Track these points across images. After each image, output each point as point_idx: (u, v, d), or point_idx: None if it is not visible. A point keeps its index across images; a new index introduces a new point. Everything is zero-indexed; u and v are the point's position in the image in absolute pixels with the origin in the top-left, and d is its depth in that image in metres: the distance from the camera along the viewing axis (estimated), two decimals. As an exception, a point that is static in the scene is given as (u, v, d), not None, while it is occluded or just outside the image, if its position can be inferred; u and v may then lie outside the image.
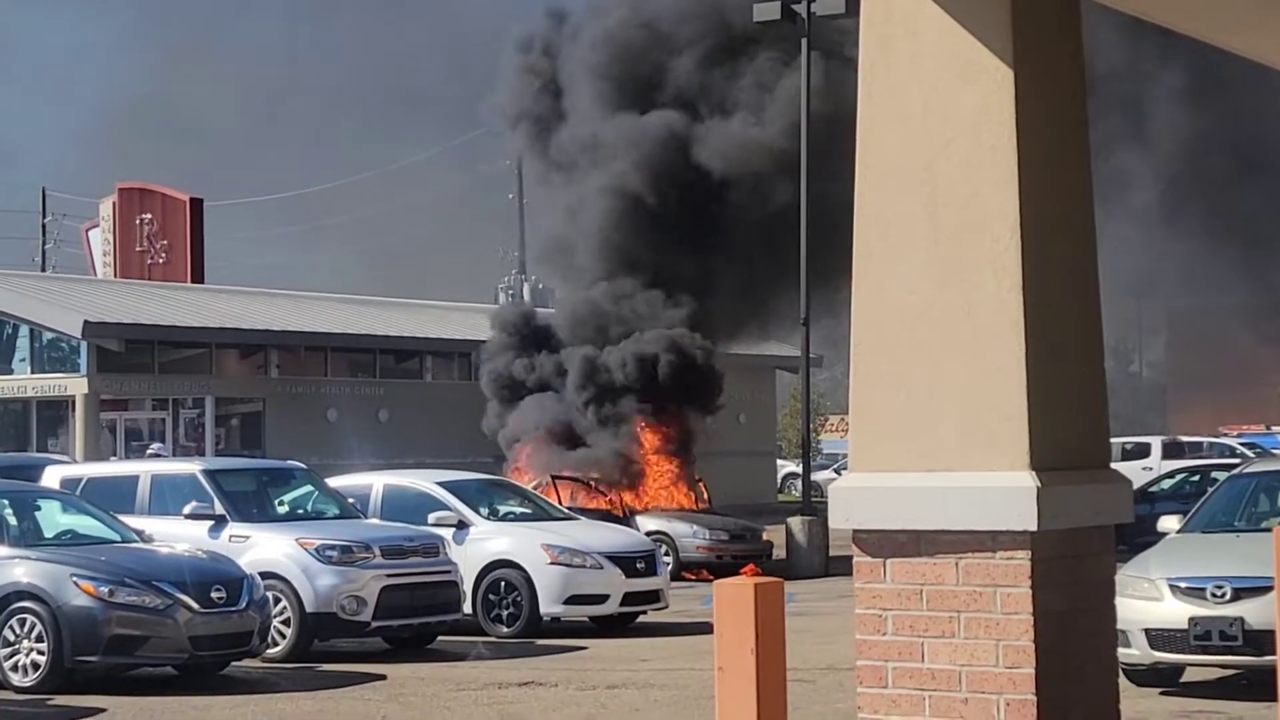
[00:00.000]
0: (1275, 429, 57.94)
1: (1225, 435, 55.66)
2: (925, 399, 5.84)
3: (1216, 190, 44.76)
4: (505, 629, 19.90)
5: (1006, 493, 5.65)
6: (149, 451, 38.10)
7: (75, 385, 42.63)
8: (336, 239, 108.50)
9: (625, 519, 27.96)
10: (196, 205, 57.73)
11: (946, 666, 5.77)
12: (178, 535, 17.70)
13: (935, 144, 5.88)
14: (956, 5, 5.88)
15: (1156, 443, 48.22)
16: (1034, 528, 5.61)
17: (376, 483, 21.60)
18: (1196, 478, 32.27)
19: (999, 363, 5.72)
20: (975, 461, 5.74)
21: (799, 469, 38.53)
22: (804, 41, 31.81)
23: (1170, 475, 35.39)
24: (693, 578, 27.50)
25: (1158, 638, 14.08)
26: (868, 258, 6.00)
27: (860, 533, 5.95)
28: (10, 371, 44.79)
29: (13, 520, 16.51)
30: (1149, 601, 14.16)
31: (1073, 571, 5.82)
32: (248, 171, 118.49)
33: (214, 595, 15.68)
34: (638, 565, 20.64)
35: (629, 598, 20.50)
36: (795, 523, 30.46)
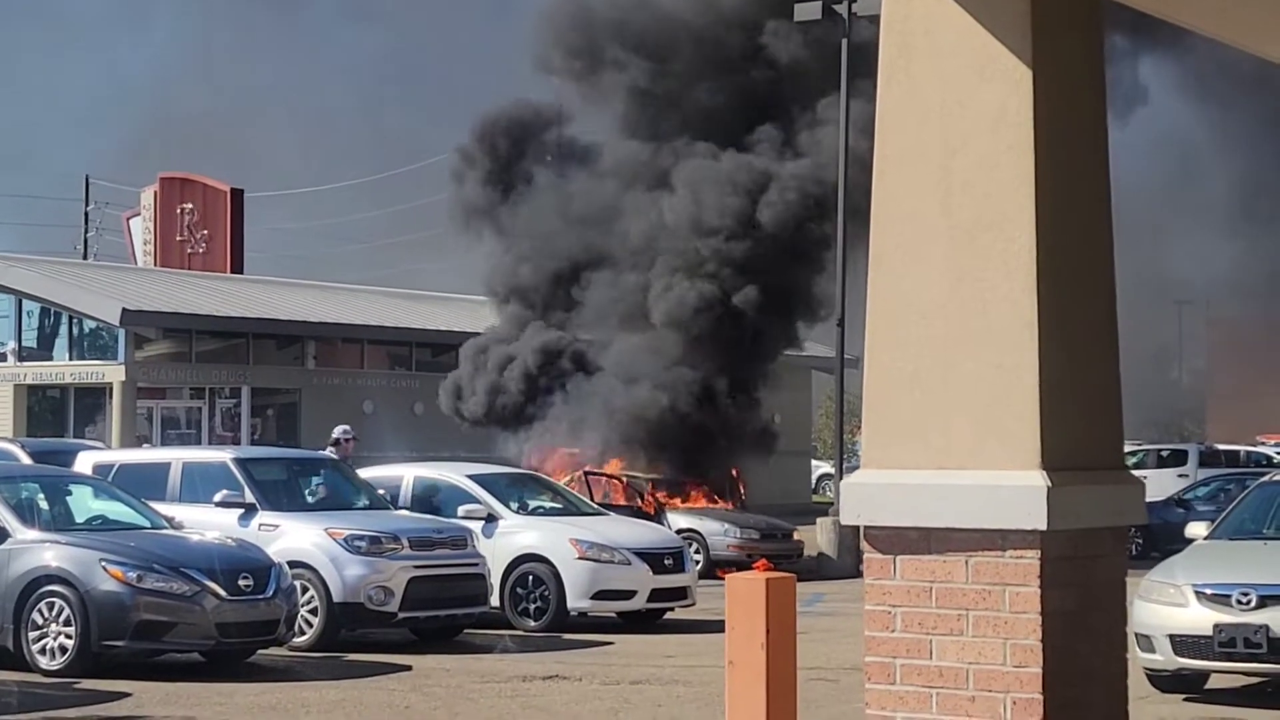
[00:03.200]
0: (1313, 438, 57.61)
1: (1263, 444, 55.34)
2: (938, 396, 5.85)
3: (1265, 197, 44.58)
4: (532, 623, 19.91)
5: (1017, 491, 5.66)
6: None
7: (113, 373, 42.86)
8: (374, 231, 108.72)
9: (657, 516, 27.95)
10: (237, 196, 57.99)
11: (954, 664, 5.78)
12: (208, 523, 17.75)
13: (953, 143, 5.89)
14: (976, 4, 5.88)
15: (1193, 450, 47.98)
16: (1044, 527, 5.62)
17: (407, 474, 21.65)
18: (1231, 486, 32.13)
19: (1012, 362, 5.73)
20: (987, 460, 5.75)
21: (834, 470, 38.52)
22: (844, 42, 31.83)
23: (1205, 483, 35.27)
24: (724, 575, 27.45)
25: (1182, 644, 14.02)
26: (884, 254, 6.02)
27: (871, 529, 5.97)
28: (50, 358, 45.07)
29: (44, 505, 16.60)
30: (1174, 607, 14.11)
31: (1083, 572, 5.82)
32: (289, 163, 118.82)
33: (242, 583, 15.73)
34: (666, 562, 20.63)
35: (656, 594, 20.50)
36: (827, 523, 30.43)
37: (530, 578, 20.08)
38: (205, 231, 57.47)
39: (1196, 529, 16.13)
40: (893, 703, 5.89)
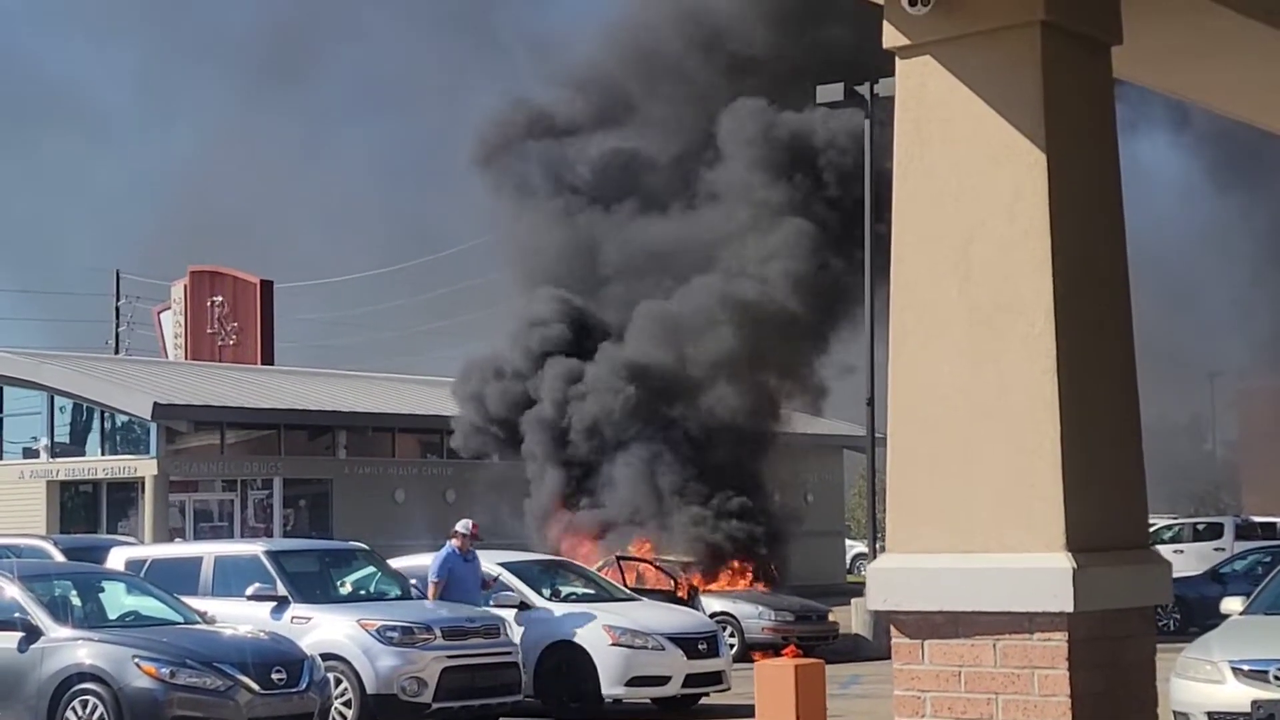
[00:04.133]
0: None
1: (1299, 515, 54.96)
2: (960, 480, 5.85)
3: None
4: (566, 711, 19.82)
5: (1042, 574, 5.64)
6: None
7: (145, 467, 42.97)
8: (404, 319, 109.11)
9: (690, 599, 27.84)
10: (267, 287, 58.25)
11: (985, 749, 5.74)
12: (241, 616, 17.77)
13: (969, 226, 5.91)
14: (989, 89, 5.93)
15: (1229, 523, 47.68)
16: (1070, 609, 5.60)
17: (439, 564, 21.61)
18: (1269, 559, 31.89)
19: (1034, 444, 5.73)
20: (1011, 542, 5.74)
21: (868, 549, 38.40)
22: (867, 122, 31.98)
23: (1242, 556, 35.01)
24: (758, 659, 27.33)
25: (1220, 721, 13.92)
26: (904, 338, 6.03)
27: (898, 614, 5.95)
28: (82, 454, 45.21)
29: (76, 601, 16.64)
30: (1211, 684, 14.00)
31: (1112, 653, 5.79)
32: (315, 253, 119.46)
33: (275, 676, 15.72)
34: (700, 646, 20.53)
35: (691, 679, 20.39)
36: (862, 603, 30.26)
37: (564, 665, 20.01)
38: (236, 323, 57.71)
39: (1232, 604, 16.01)
40: (925, 788, 5.85)
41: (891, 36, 6.15)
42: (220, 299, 58.15)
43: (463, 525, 20.31)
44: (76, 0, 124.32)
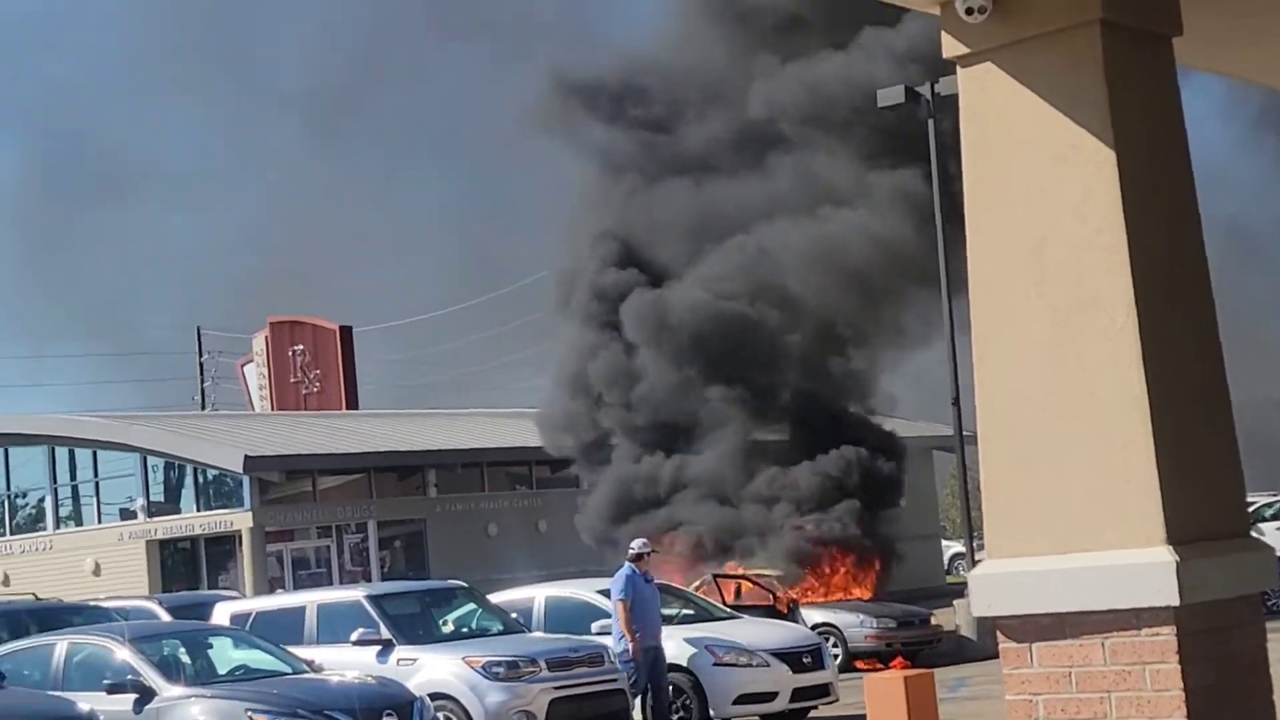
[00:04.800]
0: None
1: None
2: (1054, 481, 5.85)
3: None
4: (677, 733, 19.85)
5: (1145, 569, 5.64)
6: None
7: (240, 520, 43.36)
8: (482, 354, 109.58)
9: (790, 613, 27.81)
10: (346, 332, 58.69)
11: (1101, 748, 5.74)
12: (346, 662, 17.91)
13: (1041, 228, 5.92)
14: (1052, 91, 5.94)
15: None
16: (1176, 602, 5.59)
17: (538, 595, 21.73)
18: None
19: (1125, 439, 5.73)
20: (1110, 540, 5.74)
21: (965, 549, 38.22)
22: (930, 123, 31.93)
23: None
24: (865, 667, 27.24)
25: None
26: (986, 343, 6.05)
27: (1004, 619, 5.96)
28: (178, 511, 45.67)
29: (186, 659, 16.84)
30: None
31: (1221, 644, 5.77)
32: (391, 295, 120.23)
33: (386, 720, 15.84)
34: (804, 660, 20.52)
35: (798, 694, 20.37)
36: (963, 604, 30.13)
37: (670, 688, 20.02)
38: (318, 371, 58.17)
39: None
40: (1043, 791, 5.85)
41: (951, 46, 6.17)
42: (301, 348, 58.63)
43: (640, 544, 19.76)
44: (142, 67, 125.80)
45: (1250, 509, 6.54)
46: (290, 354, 58.79)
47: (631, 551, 19.53)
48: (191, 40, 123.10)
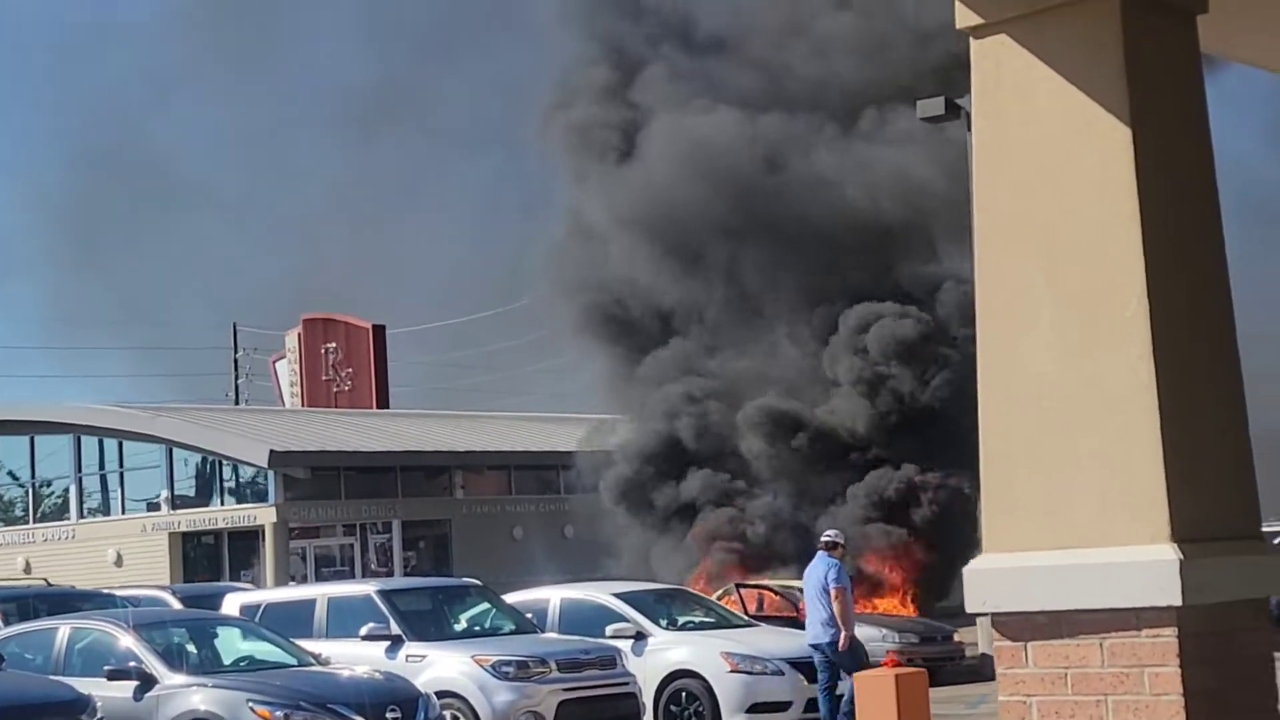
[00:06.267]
0: None
1: None
2: (1058, 473, 5.59)
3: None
4: (688, 740, 19.61)
5: (1148, 567, 5.37)
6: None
7: (264, 515, 43.27)
8: (514, 359, 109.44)
9: (811, 624, 27.49)
10: (379, 332, 58.61)
11: (1096, 754, 5.48)
12: (355, 657, 17.71)
13: (1053, 210, 5.67)
14: (1069, 65, 5.68)
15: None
16: (1179, 602, 5.32)
17: (554, 597, 21.53)
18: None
19: (1133, 433, 5.46)
20: (1113, 536, 5.47)
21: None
22: (969, 135, 31.60)
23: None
24: (882, 682, 26.96)
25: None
26: (990, 330, 5.80)
27: (999, 616, 5.70)
28: (203, 504, 45.62)
29: (191, 648, 16.66)
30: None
31: (1224, 647, 5.50)
32: (424, 297, 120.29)
33: (390, 715, 15.61)
34: (820, 670, 20.23)
35: (812, 704, 20.09)
36: (988, 622, 29.79)
37: (683, 694, 19.80)
38: (350, 369, 58.09)
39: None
40: (1035, 797, 5.59)
41: (964, 16, 5.92)
42: (333, 345, 58.57)
43: (835, 534, 19.37)
44: (185, 69, 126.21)
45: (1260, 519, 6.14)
46: (322, 351, 58.73)
47: (828, 539, 19.07)
48: (230, 40, 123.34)
